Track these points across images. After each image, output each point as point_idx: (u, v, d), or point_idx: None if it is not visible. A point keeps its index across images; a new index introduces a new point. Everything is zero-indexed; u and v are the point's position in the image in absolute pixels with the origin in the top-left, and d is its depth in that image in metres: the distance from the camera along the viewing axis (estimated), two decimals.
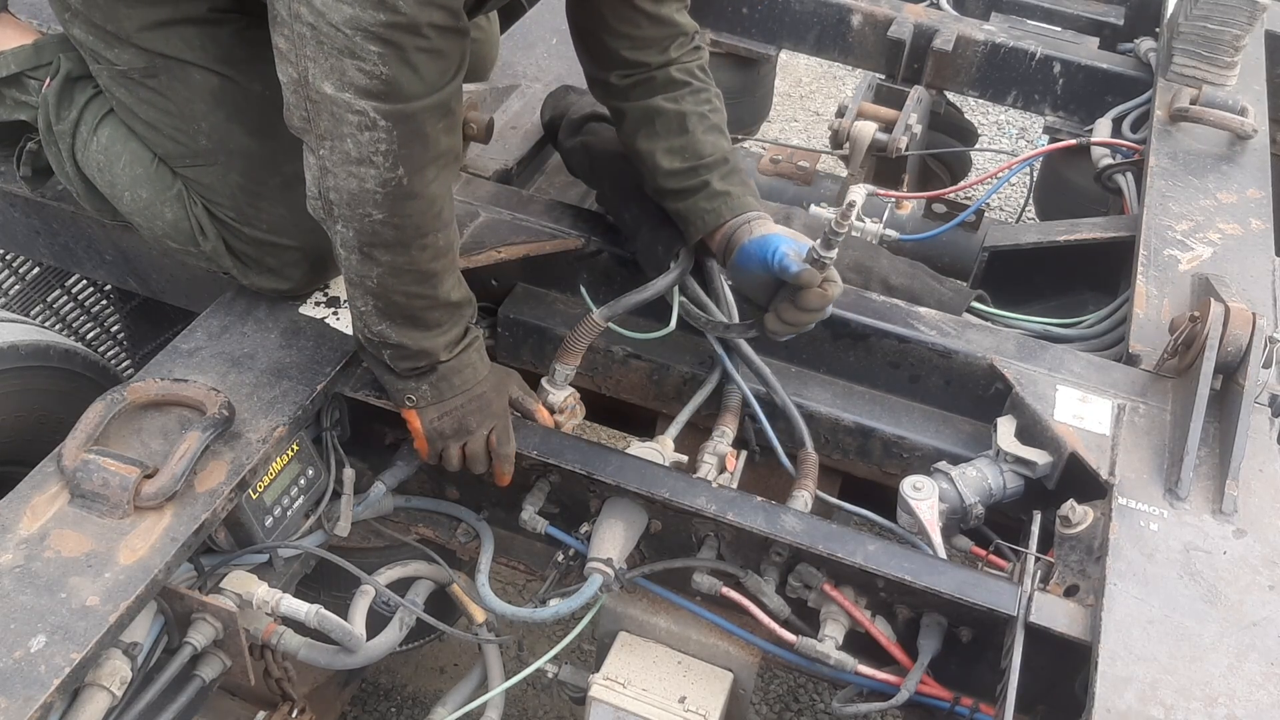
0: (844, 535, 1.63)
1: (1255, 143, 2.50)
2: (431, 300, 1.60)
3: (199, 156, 1.74)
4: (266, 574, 1.69)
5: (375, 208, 1.49)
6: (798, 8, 3.07)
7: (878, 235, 2.47)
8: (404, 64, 1.40)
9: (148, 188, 1.79)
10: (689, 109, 1.85)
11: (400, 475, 1.82)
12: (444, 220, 1.58)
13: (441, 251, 1.59)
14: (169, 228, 1.80)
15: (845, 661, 1.62)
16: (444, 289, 1.61)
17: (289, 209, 1.74)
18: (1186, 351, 1.84)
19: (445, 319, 1.64)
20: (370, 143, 1.43)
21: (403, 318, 1.60)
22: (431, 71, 1.45)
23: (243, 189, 1.74)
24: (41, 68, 1.88)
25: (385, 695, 2.78)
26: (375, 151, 1.44)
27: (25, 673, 1.32)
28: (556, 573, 1.78)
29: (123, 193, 1.82)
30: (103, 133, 1.82)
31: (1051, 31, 3.10)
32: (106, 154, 1.81)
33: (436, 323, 1.63)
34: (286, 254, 1.80)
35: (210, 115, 1.71)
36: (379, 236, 1.52)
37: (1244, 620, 1.52)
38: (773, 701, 2.85)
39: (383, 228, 1.51)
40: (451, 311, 1.65)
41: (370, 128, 1.42)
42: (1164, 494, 1.69)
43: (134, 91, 1.73)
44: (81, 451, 1.53)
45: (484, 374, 1.73)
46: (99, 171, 1.83)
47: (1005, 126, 5.13)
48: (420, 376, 1.66)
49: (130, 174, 1.80)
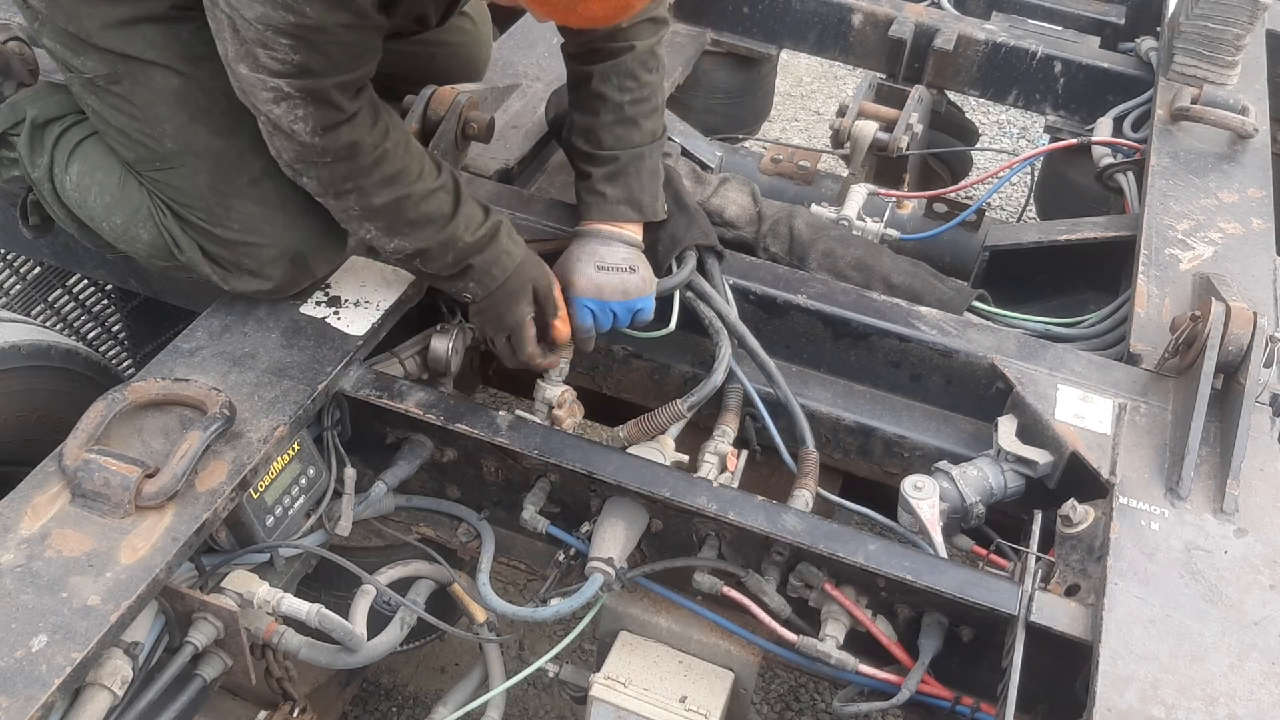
0: (845, 534, 1.63)
1: (1256, 142, 2.50)
2: (413, 194, 1.71)
3: (166, 160, 1.74)
4: (267, 573, 1.69)
5: (318, 163, 1.64)
6: (798, 7, 3.07)
7: (879, 234, 2.47)
8: (314, 51, 1.52)
9: (119, 213, 1.80)
10: (609, 93, 1.87)
11: (401, 474, 1.82)
12: (381, 133, 1.66)
13: (392, 155, 1.68)
14: (148, 248, 1.81)
15: (846, 661, 1.62)
16: (418, 183, 1.71)
17: (260, 205, 1.74)
18: (1187, 351, 1.84)
19: (442, 206, 1.74)
20: (288, 111, 1.57)
21: (404, 223, 1.72)
22: (341, 56, 1.56)
23: (211, 189, 1.74)
24: (20, 124, 1.88)
25: (386, 695, 2.78)
26: (294, 119, 1.58)
27: (26, 672, 1.32)
28: (557, 572, 1.78)
29: (101, 223, 1.84)
30: (73, 169, 1.84)
31: (1052, 31, 3.10)
32: (79, 189, 1.83)
33: (437, 212, 1.73)
34: (263, 253, 1.78)
35: (174, 117, 1.71)
36: (336, 177, 1.66)
37: (1245, 619, 1.52)
38: (774, 701, 2.85)
39: (333, 172, 1.65)
40: (443, 196, 1.74)
41: (285, 99, 1.56)
42: (1165, 493, 1.69)
43: (103, 99, 1.74)
44: (83, 451, 1.53)
45: (518, 261, 1.82)
46: (78, 208, 1.85)
47: (1006, 126, 5.13)
48: (463, 275, 1.79)
49: (101, 203, 1.81)
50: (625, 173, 1.90)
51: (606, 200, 1.89)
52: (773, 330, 2.02)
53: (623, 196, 1.90)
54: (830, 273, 2.18)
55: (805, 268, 2.19)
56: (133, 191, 1.79)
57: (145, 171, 1.77)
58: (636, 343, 2.02)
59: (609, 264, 1.87)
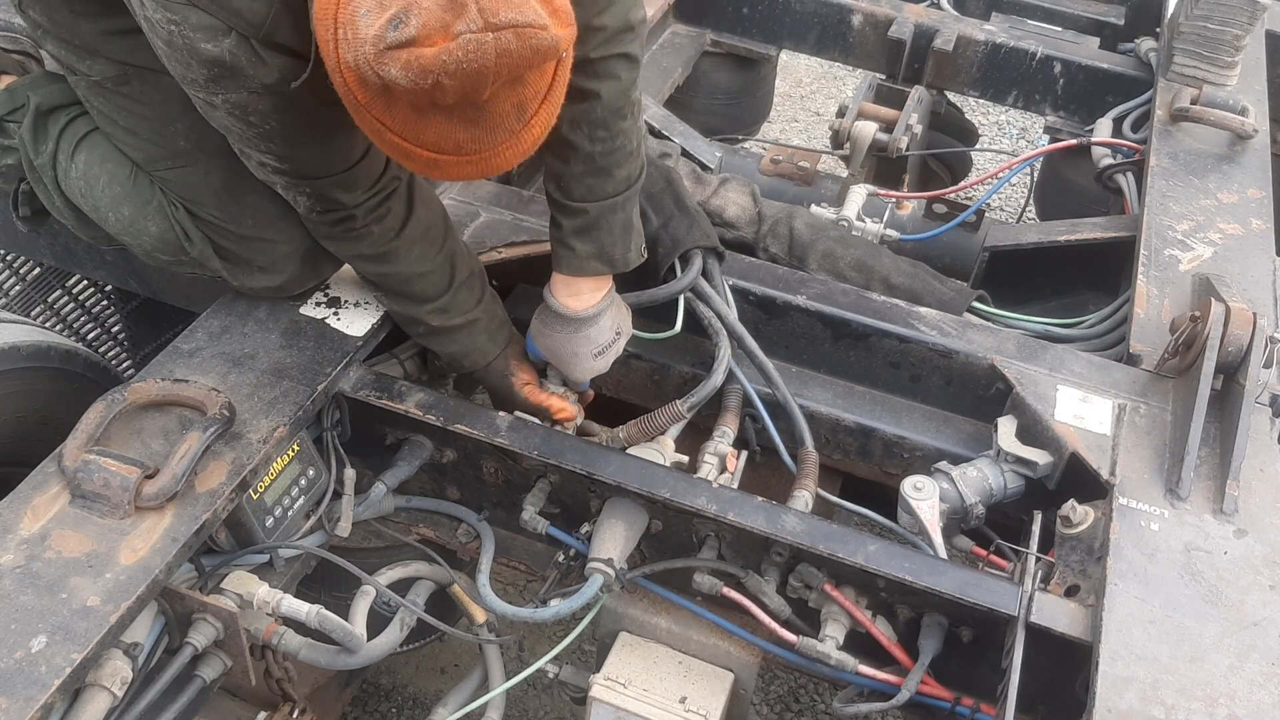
0: (845, 535, 1.63)
1: (1256, 143, 2.50)
2: (401, 273, 1.76)
3: (179, 158, 1.74)
4: (267, 574, 1.69)
5: (316, 227, 1.74)
6: (798, 8, 3.07)
7: (878, 235, 2.47)
8: (295, 158, 1.58)
9: (128, 205, 1.80)
10: (579, 142, 1.73)
11: (401, 475, 1.82)
12: (392, 228, 1.72)
13: (392, 253, 1.74)
14: (155, 241, 1.81)
15: (846, 661, 1.62)
16: (409, 266, 1.76)
17: (273, 202, 1.74)
18: (1187, 351, 1.84)
19: (427, 290, 1.79)
20: (286, 191, 1.66)
21: (386, 290, 1.81)
22: (324, 158, 1.60)
23: (225, 187, 1.74)
24: (18, 110, 1.88)
25: (386, 696, 2.78)
26: (293, 198, 1.67)
27: (26, 673, 1.32)
28: (557, 573, 1.78)
29: (107, 214, 1.83)
30: (79, 158, 1.83)
31: (1052, 31, 3.10)
32: (85, 179, 1.82)
33: (419, 294, 1.79)
34: (275, 249, 1.79)
35: (186, 116, 1.69)
36: (326, 239, 1.75)
37: (1245, 620, 1.52)
38: (773, 702, 2.85)
39: (328, 240, 1.76)
40: (434, 280, 1.78)
41: (285, 188, 1.66)
42: (1165, 494, 1.69)
43: (110, 100, 1.73)
44: (82, 452, 1.53)
45: (489, 359, 1.88)
46: (82, 197, 1.84)
47: (1006, 126, 5.13)
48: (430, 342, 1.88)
49: (110, 194, 1.81)
50: (597, 226, 1.80)
51: (576, 255, 1.82)
52: (773, 331, 2.02)
53: (593, 252, 1.82)
54: (830, 273, 2.18)
55: (805, 268, 2.19)
56: (144, 184, 1.79)
57: (155, 171, 1.77)
58: (637, 344, 2.02)
59: (601, 344, 1.88)
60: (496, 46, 1.19)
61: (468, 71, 1.19)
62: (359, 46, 1.20)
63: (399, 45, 1.18)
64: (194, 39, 1.39)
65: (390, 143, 1.32)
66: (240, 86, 1.44)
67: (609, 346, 1.90)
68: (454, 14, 1.18)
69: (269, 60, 1.42)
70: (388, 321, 1.88)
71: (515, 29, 1.20)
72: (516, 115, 1.30)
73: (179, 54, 1.42)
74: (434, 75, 1.19)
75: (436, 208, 1.81)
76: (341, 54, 1.24)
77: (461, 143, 1.30)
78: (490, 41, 1.19)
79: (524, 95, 1.28)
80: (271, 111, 1.47)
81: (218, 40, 1.39)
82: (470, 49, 1.18)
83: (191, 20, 1.38)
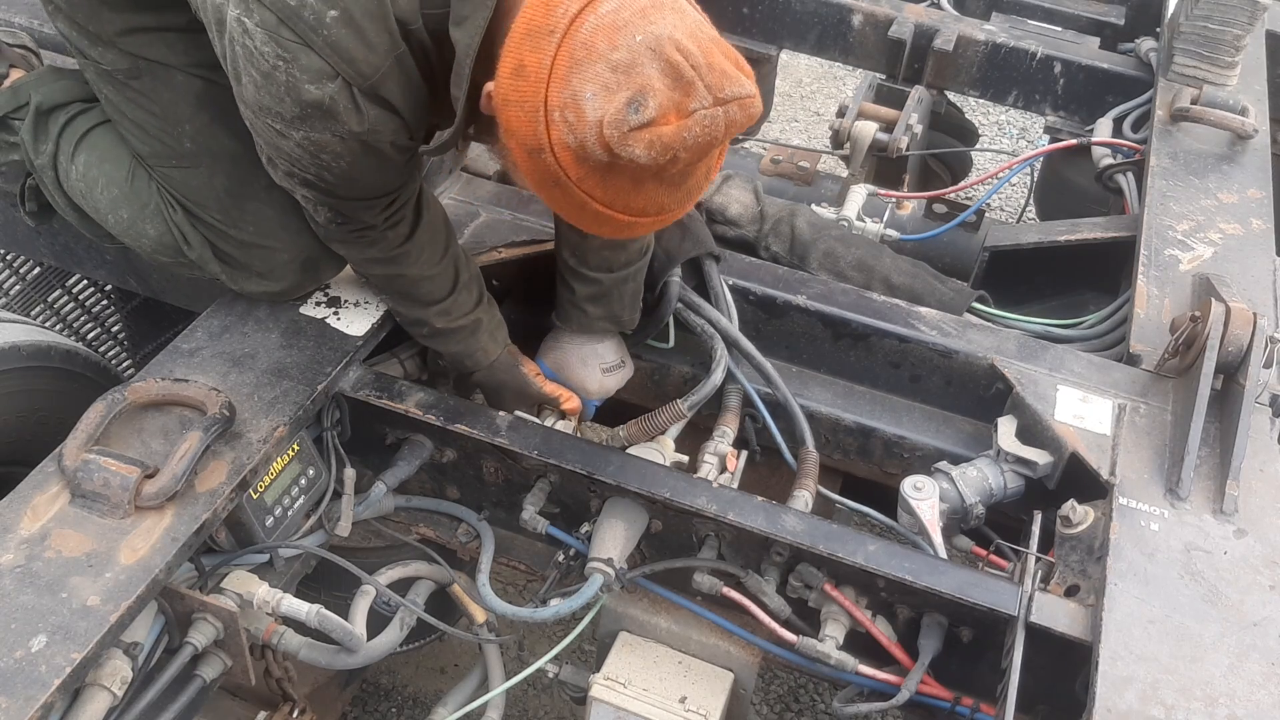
0: (844, 535, 1.63)
1: (1256, 143, 2.50)
2: (408, 276, 1.76)
3: (183, 158, 1.73)
4: (267, 574, 1.69)
5: (327, 234, 1.74)
6: (798, 8, 3.07)
7: (878, 235, 2.47)
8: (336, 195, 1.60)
9: (126, 207, 1.79)
10: None
11: (401, 475, 1.82)
12: (402, 235, 1.72)
13: (401, 257, 1.74)
14: (154, 243, 1.80)
15: (846, 661, 1.62)
16: (415, 269, 1.76)
17: (275, 210, 1.73)
18: (1187, 351, 1.84)
19: (433, 292, 1.79)
20: (306, 203, 1.65)
21: (392, 292, 1.83)
22: (364, 189, 1.61)
23: (228, 191, 1.73)
24: (22, 108, 1.87)
25: (386, 695, 2.78)
26: (312, 211, 1.66)
27: (26, 672, 1.32)
28: (557, 573, 1.78)
29: (106, 215, 1.82)
30: (79, 159, 1.82)
31: (1052, 31, 3.09)
32: (85, 180, 1.82)
33: (426, 295, 1.79)
34: (275, 257, 1.78)
35: (195, 118, 1.70)
36: (337, 243, 1.76)
37: (1245, 620, 1.52)
38: (773, 702, 2.85)
39: (340, 245, 1.76)
40: (439, 283, 1.78)
41: (308, 201, 1.64)
42: (1165, 494, 1.69)
43: (120, 90, 1.72)
44: (82, 451, 1.53)
45: (491, 359, 1.87)
46: (82, 198, 1.84)
47: (1006, 126, 5.13)
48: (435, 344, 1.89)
49: (108, 196, 1.80)
50: (608, 295, 1.90)
51: (588, 316, 1.92)
52: (773, 331, 2.03)
53: (603, 314, 1.93)
54: (831, 273, 2.18)
55: (806, 267, 2.19)
56: (141, 186, 1.78)
57: (159, 167, 1.76)
58: (636, 345, 2.03)
59: (610, 363, 1.99)
60: (726, 119, 1.30)
61: (702, 144, 1.30)
62: (586, 129, 1.28)
63: (640, 126, 1.27)
64: (299, 79, 1.39)
65: (592, 211, 1.38)
66: (326, 129, 1.44)
67: (617, 368, 2.00)
68: (684, 93, 1.28)
69: (365, 111, 1.43)
70: (388, 321, 1.88)
71: (739, 101, 1.31)
72: (706, 175, 1.42)
73: (275, 88, 1.41)
74: (674, 151, 1.29)
75: (440, 211, 1.82)
76: (556, 135, 1.30)
77: (664, 205, 1.40)
78: (720, 115, 1.30)
79: (715, 156, 1.40)
80: (345, 154, 1.48)
81: (323, 84, 1.39)
82: (706, 124, 1.29)
83: (302, 61, 1.38)
